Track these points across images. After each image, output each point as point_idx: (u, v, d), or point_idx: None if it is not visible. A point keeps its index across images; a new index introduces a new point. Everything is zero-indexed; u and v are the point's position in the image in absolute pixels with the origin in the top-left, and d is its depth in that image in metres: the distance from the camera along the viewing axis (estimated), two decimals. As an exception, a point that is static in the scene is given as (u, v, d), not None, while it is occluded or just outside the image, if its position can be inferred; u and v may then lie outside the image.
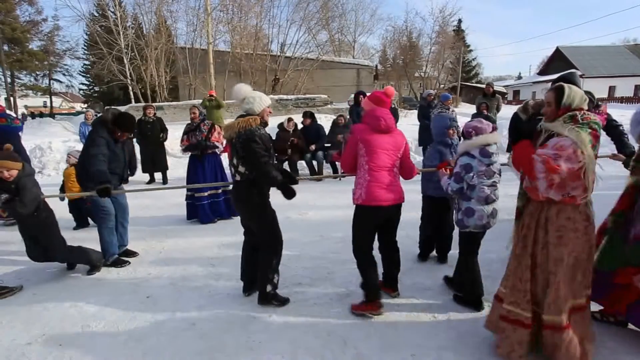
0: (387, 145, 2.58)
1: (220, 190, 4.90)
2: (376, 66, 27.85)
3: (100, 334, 2.59)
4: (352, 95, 8.65)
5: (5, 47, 25.76)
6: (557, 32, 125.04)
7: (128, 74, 19.01)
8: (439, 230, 3.44)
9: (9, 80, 26.96)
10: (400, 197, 2.63)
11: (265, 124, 2.76)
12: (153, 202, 5.99)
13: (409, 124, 11.14)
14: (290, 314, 2.74)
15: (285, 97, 16.50)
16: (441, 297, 2.92)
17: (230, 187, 3.21)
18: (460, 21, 37.49)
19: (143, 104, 14.29)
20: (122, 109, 13.75)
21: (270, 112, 2.79)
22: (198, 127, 4.84)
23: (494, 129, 2.66)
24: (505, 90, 34.50)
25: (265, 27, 22.28)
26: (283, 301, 2.85)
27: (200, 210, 4.80)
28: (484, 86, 9.57)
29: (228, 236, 4.36)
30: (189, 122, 4.97)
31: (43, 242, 3.24)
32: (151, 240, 4.31)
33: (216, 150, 4.90)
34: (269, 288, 2.80)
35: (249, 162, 2.64)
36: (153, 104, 13.59)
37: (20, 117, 26.23)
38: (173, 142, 9.52)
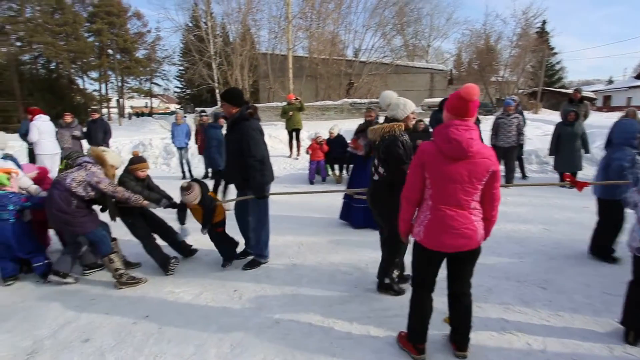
0: (461, 176, 1.93)
1: None
2: (451, 70, 26.59)
3: (193, 321, 2.76)
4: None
5: (118, 56, 30.03)
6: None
7: (215, 78, 20.68)
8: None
9: (119, 84, 31.34)
10: (472, 242, 2.02)
11: (408, 129, 2.85)
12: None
13: (484, 130, 10.45)
14: (371, 326, 2.65)
15: (359, 100, 16.52)
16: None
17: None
18: (544, 23, 34.01)
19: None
20: (209, 110, 14.97)
21: (414, 118, 2.87)
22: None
23: None
24: (594, 96, 30.57)
25: (342, 33, 22.66)
26: (399, 291, 3.02)
27: (354, 214, 4.76)
28: (568, 91, 8.68)
29: (307, 236, 4.45)
30: (363, 122, 5.12)
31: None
32: (235, 236, 4.53)
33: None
34: (386, 280, 3.03)
35: (390, 165, 2.76)
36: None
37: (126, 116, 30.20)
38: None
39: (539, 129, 10.83)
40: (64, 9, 26.74)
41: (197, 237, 4.35)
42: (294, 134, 9.51)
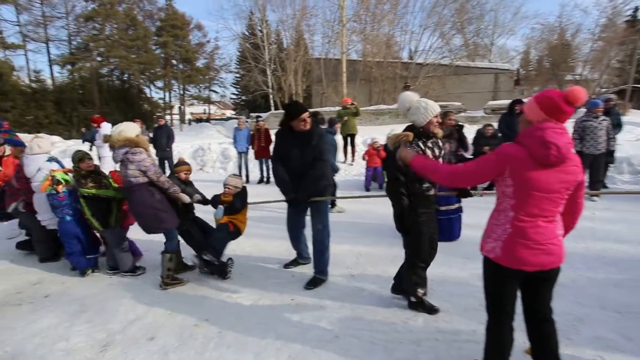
0: (554, 185, 1.72)
1: (456, 206, 4.34)
2: (517, 70, 24.41)
3: (251, 328, 2.73)
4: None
5: (181, 66, 32.37)
6: None
7: (270, 84, 21.26)
8: None
9: (181, 92, 33.70)
10: (557, 259, 1.80)
11: (428, 136, 2.60)
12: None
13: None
14: (439, 350, 2.41)
15: (414, 104, 15.94)
16: None
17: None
18: (637, 9, 29.53)
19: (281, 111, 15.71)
20: (264, 115, 15.40)
21: (438, 122, 2.59)
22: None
23: None
24: None
25: (397, 34, 22.12)
26: (430, 308, 2.85)
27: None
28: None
29: (365, 246, 4.28)
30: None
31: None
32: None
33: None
34: (412, 299, 2.88)
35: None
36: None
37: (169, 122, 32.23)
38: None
39: (630, 132, 9.52)
40: (136, 25, 29.35)
41: (255, 241, 4.43)
42: (348, 139, 9.38)
